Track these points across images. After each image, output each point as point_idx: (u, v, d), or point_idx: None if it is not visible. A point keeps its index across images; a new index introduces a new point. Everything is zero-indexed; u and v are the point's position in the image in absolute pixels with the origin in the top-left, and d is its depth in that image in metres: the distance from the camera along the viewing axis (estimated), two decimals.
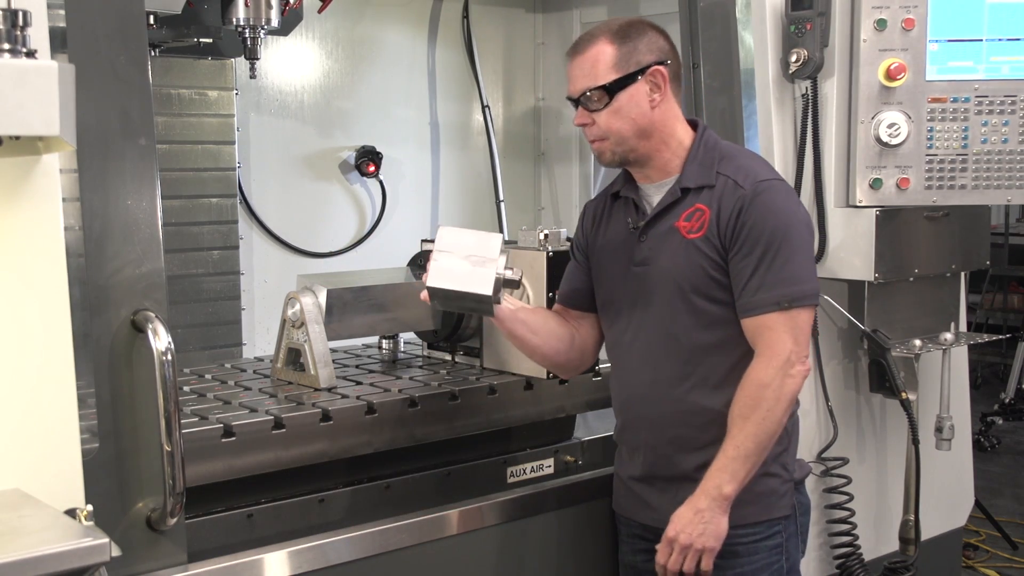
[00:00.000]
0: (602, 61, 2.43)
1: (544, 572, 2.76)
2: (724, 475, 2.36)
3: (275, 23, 3.30)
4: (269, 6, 3.26)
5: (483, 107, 4.60)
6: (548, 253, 2.89)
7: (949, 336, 3.32)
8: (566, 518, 2.78)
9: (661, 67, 2.44)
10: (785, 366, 2.36)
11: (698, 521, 2.37)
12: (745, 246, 2.39)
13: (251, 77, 3.56)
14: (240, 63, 3.78)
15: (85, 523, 1.82)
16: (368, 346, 3.38)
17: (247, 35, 3.30)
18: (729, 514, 2.39)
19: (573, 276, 2.71)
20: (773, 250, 2.37)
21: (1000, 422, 7.19)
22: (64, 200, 1.95)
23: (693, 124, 2.55)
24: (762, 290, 2.37)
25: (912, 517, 3.32)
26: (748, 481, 2.39)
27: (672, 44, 2.52)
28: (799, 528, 2.59)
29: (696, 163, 2.48)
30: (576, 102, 2.48)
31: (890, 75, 3.06)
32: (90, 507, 1.87)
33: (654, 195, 2.53)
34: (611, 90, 2.42)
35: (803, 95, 3.16)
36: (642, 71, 2.42)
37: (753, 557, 2.48)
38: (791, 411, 2.45)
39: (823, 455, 3.25)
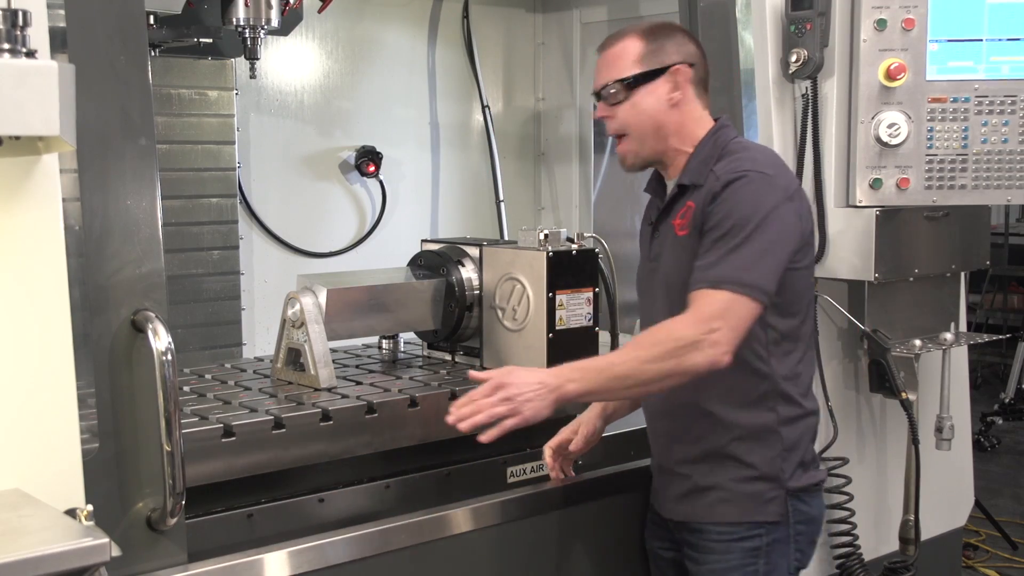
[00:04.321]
0: (627, 55, 2.47)
1: (545, 572, 2.76)
2: (578, 374, 2.29)
3: (275, 23, 3.29)
4: (269, 6, 3.25)
5: (483, 107, 4.60)
6: (548, 253, 2.89)
7: (949, 336, 3.32)
8: (566, 518, 2.78)
9: (684, 66, 2.47)
10: (703, 335, 2.24)
11: (533, 389, 2.25)
12: (711, 232, 2.36)
13: (251, 77, 3.56)
14: (240, 63, 3.78)
15: (85, 523, 1.82)
16: (368, 346, 3.38)
17: (247, 35, 3.30)
18: (709, 510, 2.47)
19: None
20: (733, 236, 2.32)
21: (1000, 422, 7.19)
22: (64, 200, 1.95)
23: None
24: (713, 268, 2.31)
25: (912, 517, 3.32)
26: (591, 397, 2.38)
27: (702, 51, 2.56)
28: (793, 536, 2.51)
29: (697, 160, 2.49)
30: (598, 96, 2.52)
31: (890, 75, 3.05)
32: (90, 507, 1.87)
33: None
34: (632, 84, 2.46)
35: (803, 95, 3.16)
36: (665, 69, 2.46)
37: (727, 555, 2.48)
38: (672, 384, 2.31)
39: (823, 455, 3.25)
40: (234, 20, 3.24)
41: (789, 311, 2.44)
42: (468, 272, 3.08)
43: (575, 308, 2.92)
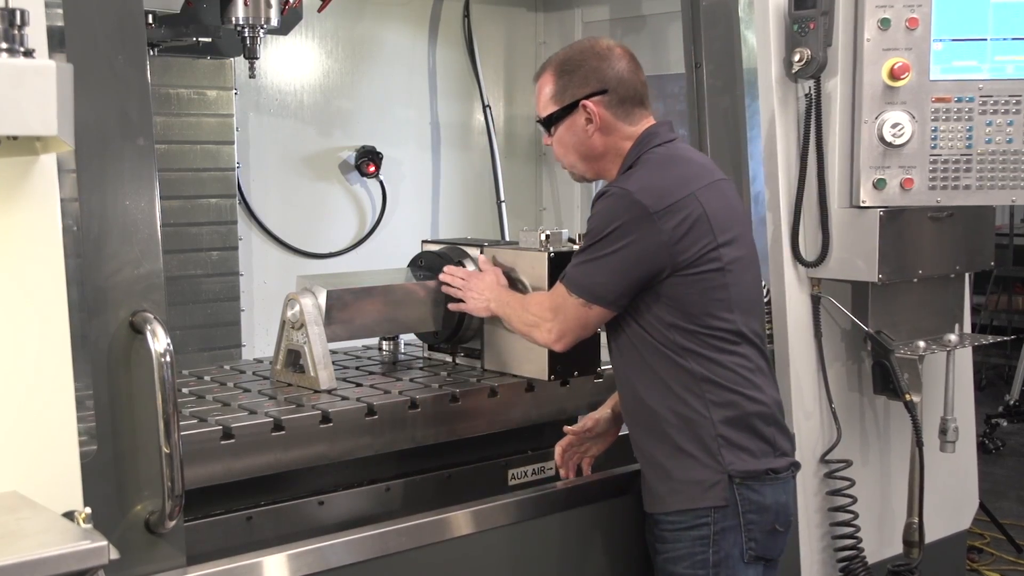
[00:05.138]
0: (544, 94, 2.63)
1: (546, 574, 2.75)
2: (500, 300, 2.77)
3: (274, 22, 3.28)
4: (268, 5, 3.24)
5: (484, 107, 4.59)
6: (550, 254, 2.87)
7: (953, 337, 3.31)
8: (568, 520, 2.77)
9: (591, 100, 2.56)
10: (544, 320, 2.58)
11: (479, 291, 2.82)
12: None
13: (250, 77, 3.55)
14: (239, 63, 3.78)
15: (83, 526, 1.80)
16: (368, 348, 3.36)
17: (246, 34, 3.29)
18: (661, 501, 2.55)
19: None
20: (585, 244, 2.53)
21: (1004, 424, 7.17)
22: (62, 200, 1.94)
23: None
24: (569, 267, 2.58)
25: (916, 520, 3.30)
26: (501, 315, 2.77)
27: (633, 64, 2.60)
28: (743, 524, 2.52)
29: (619, 173, 2.61)
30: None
31: (894, 75, 3.04)
32: (88, 509, 1.86)
33: None
34: (549, 123, 2.64)
35: (806, 95, 3.15)
36: (575, 104, 2.57)
37: (676, 544, 2.54)
38: (527, 339, 2.72)
39: (826, 457, 3.24)
40: (233, 19, 3.23)
41: (692, 313, 2.48)
42: None
43: None
